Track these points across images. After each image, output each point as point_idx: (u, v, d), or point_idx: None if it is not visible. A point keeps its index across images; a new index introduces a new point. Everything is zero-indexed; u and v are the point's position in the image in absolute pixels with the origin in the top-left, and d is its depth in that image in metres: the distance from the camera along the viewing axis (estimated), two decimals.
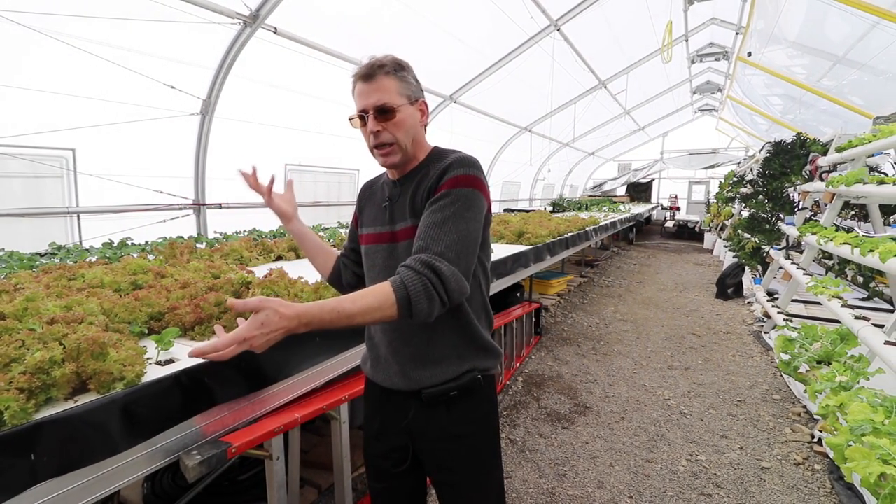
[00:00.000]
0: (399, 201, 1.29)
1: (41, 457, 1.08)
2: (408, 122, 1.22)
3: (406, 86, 1.22)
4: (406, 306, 1.01)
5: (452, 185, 1.16)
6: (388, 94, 1.18)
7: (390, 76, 1.19)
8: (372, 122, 1.19)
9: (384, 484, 1.39)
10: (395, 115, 1.19)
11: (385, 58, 1.21)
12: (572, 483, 2.75)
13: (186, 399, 1.40)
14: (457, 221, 1.13)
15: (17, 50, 3.41)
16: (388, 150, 1.22)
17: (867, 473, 1.47)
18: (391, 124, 1.19)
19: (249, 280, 2.20)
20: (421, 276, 1.04)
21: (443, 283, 1.05)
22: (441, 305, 1.06)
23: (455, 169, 1.19)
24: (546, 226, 5.47)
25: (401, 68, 1.22)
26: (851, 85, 6.53)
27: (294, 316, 0.92)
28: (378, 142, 1.21)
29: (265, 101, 5.35)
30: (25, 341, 1.29)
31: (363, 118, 1.21)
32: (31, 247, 3.43)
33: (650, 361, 4.64)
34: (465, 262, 1.12)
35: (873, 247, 2.77)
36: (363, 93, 1.19)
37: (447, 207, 1.14)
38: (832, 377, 2.40)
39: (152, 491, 2.36)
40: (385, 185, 1.37)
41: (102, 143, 4.17)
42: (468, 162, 1.21)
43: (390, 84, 1.19)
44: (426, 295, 1.03)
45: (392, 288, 1.01)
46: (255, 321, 0.91)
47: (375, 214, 1.35)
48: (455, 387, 1.26)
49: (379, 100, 1.18)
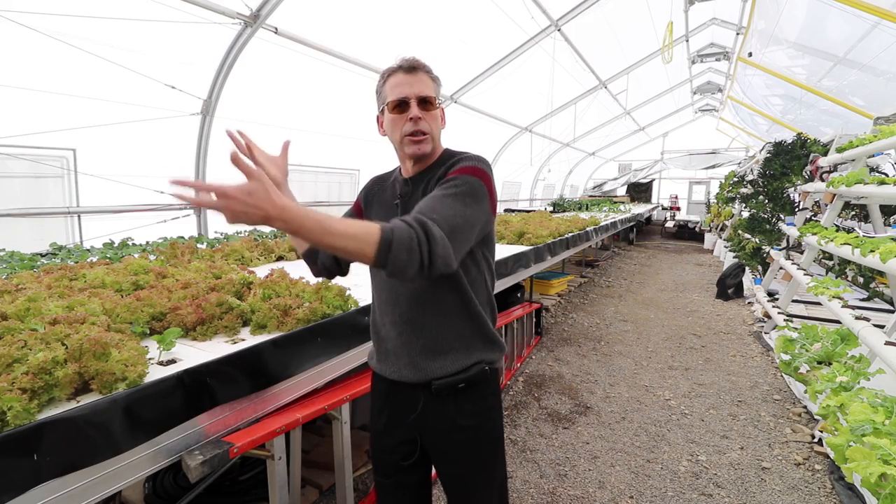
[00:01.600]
0: (412, 199, 1.31)
1: (44, 457, 1.08)
2: (439, 119, 1.33)
3: (438, 89, 1.33)
4: (385, 250, 0.97)
5: (460, 172, 1.21)
6: (428, 88, 1.28)
7: (429, 75, 1.29)
8: (415, 108, 1.24)
9: (391, 479, 1.42)
10: (434, 107, 1.28)
11: (420, 59, 1.29)
12: (573, 483, 2.76)
13: (188, 399, 1.41)
14: (456, 201, 1.13)
15: (18, 50, 3.41)
16: (422, 139, 1.27)
17: (868, 474, 1.47)
18: (429, 115, 1.27)
19: (251, 280, 2.21)
20: (411, 228, 1.01)
21: (429, 243, 1.02)
22: (419, 266, 1.01)
23: (465, 161, 1.26)
24: (546, 226, 5.47)
25: (434, 73, 1.32)
26: (852, 85, 6.53)
27: (281, 206, 0.89)
28: (417, 129, 1.25)
29: (266, 101, 5.35)
30: (28, 341, 1.29)
31: (401, 106, 1.25)
32: (31, 247, 3.44)
33: (651, 362, 4.64)
34: (457, 241, 1.10)
35: (874, 247, 2.77)
36: (406, 82, 1.25)
37: (450, 188, 1.16)
38: (833, 377, 2.40)
39: (153, 491, 2.36)
40: (396, 182, 1.40)
41: (103, 143, 4.17)
42: (479, 158, 1.29)
43: (429, 81, 1.29)
44: (407, 247, 0.99)
45: (379, 227, 0.99)
46: (245, 186, 0.87)
47: (386, 211, 1.37)
48: (464, 378, 1.30)
49: (422, 91, 1.25)
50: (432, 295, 1.28)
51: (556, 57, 7.93)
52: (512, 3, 6.11)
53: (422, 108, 1.25)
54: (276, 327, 1.81)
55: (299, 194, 6.32)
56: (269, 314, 1.83)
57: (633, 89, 11.44)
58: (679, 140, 19.02)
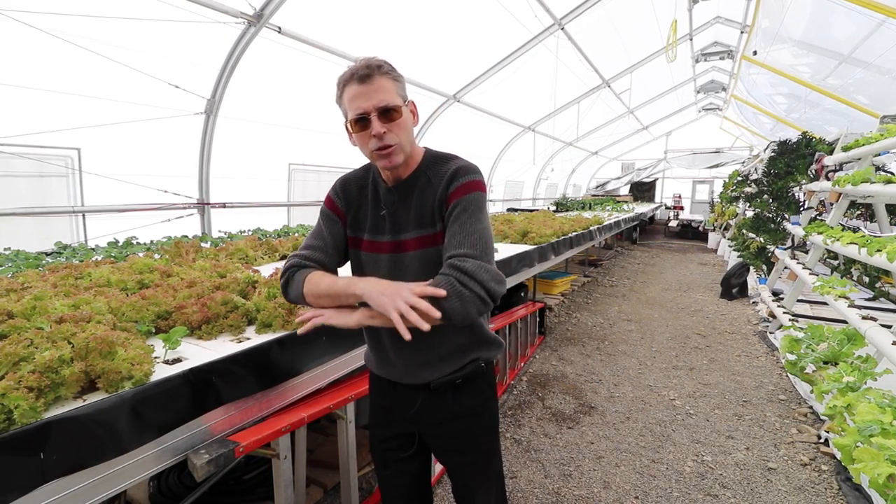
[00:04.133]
0: (400, 210, 1.27)
1: (50, 455, 1.08)
2: (407, 122, 1.21)
3: (401, 86, 1.20)
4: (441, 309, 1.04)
5: (462, 193, 1.20)
6: (389, 95, 1.15)
7: (387, 76, 1.16)
8: (377, 123, 1.14)
9: (391, 469, 1.46)
10: (398, 115, 1.17)
11: (378, 58, 1.17)
12: (578, 483, 2.75)
13: (194, 398, 1.41)
14: (474, 221, 1.17)
15: (23, 50, 3.42)
16: (391, 150, 1.18)
17: (875, 474, 1.46)
18: (395, 125, 1.17)
19: (255, 279, 2.21)
20: (447, 276, 1.08)
21: (472, 277, 1.08)
22: (479, 300, 1.08)
23: (461, 177, 1.21)
24: (550, 225, 5.45)
25: (393, 69, 1.19)
26: (857, 84, 6.50)
27: None
28: (383, 144, 1.16)
29: (269, 100, 5.36)
30: (34, 340, 1.29)
31: (363, 122, 1.16)
32: (36, 246, 3.45)
33: (655, 361, 4.63)
34: (489, 254, 1.17)
35: (880, 246, 2.76)
36: (362, 94, 1.14)
37: (461, 215, 1.18)
38: (839, 377, 2.38)
39: (158, 490, 2.37)
40: (378, 189, 1.32)
41: (107, 142, 4.18)
42: (471, 169, 1.24)
43: (388, 84, 1.16)
44: (456, 293, 1.05)
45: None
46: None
47: (374, 221, 1.31)
48: (461, 375, 1.34)
49: (381, 100, 1.14)
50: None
51: (559, 56, 7.91)
52: (515, 1, 6.09)
53: (384, 120, 1.15)
54: (282, 326, 1.81)
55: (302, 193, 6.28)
56: (274, 313, 1.82)
57: (637, 88, 11.40)
58: (682, 139, 18.95)
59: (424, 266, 1.23)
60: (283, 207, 6.25)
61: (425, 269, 1.22)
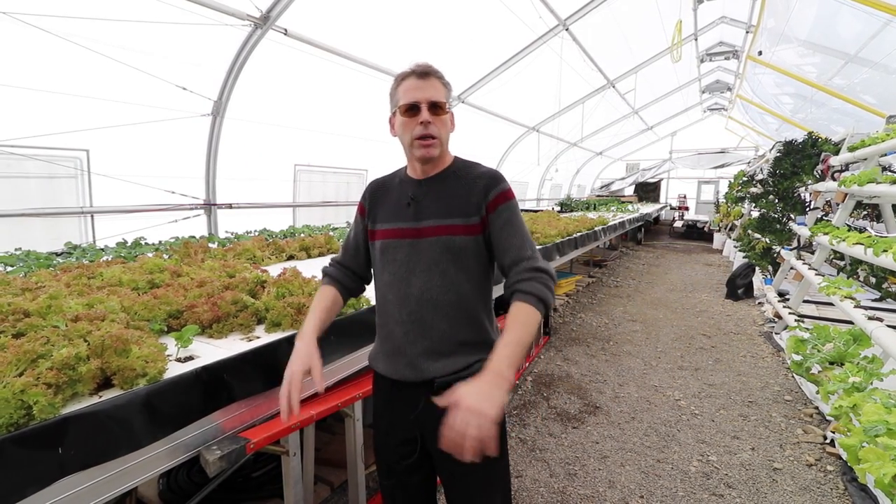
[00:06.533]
0: (426, 200, 1.37)
1: (68, 450, 1.11)
2: (448, 123, 1.38)
3: (448, 93, 1.38)
4: (545, 308, 1.25)
5: (504, 200, 1.35)
6: (439, 93, 1.33)
7: (440, 80, 1.35)
8: (426, 112, 1.30)
9: (394, 480, 1.45)
10: (444, 112, 1.34)
11: (433, 66, 1.36)
12: (583, 482, 2.76)
13: (206, 395, 1.43)
14: (520, 227, 1.35)
15: (32, 52, 3.47)
16: (431, 143, 1.32)
17: (881, 474, 1.47)
18: (439, 120, 1.33)
19: (264, 279, 2.23)
20: (535, 280, 1.25)
21: (548, 274, 1.28)
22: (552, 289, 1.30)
23: (497, 186, 1.36)
24: (555, 226, 5.46)
25: (444, 77, 1.37)
26: (863, 83, 6.47)
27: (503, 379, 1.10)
28: (426, 132, 1.31)
29: (275, 102, 5.39)
30: (50, 338, 1.32)
31: (412, 110, 1.31)
32: (46, 246, 3.49)
33: (660, 362, 4.63)
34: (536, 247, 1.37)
35: (887, 247, 2.75)
36: (417, 87, 1.31)
37: (511, 220, 1.34)
38: (845, 378, 2.38)
39: (168, 487, 2.40)
40: (405, 183, 1.44)
41: (116, 143, 4.22)
42: (501, 177, 1.40)
43: (440, 86, 1.35)
44: (550, 290, 1.26)
45: (532, 306, 1.22)
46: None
47: (396, 211, 1.41)
48: (465, 375, 1.31)
49: (433, 95, 1.31)
50: (443, 296, 1.32)
51: (563, 56, 7.91)
52: (520, 2, 6.11)
53: (432, 113, 1.30)
54: (291, 325, 1.84)
55: (308, 194, 6.29)
56: (283, 312, 1.85)
57: (642, 88, 11.38)
58: (687, 139, 18.88)
59: (441, 253, 1.33)
60: (288, 208, 6.28)
61: (441, 256, 1.32)
